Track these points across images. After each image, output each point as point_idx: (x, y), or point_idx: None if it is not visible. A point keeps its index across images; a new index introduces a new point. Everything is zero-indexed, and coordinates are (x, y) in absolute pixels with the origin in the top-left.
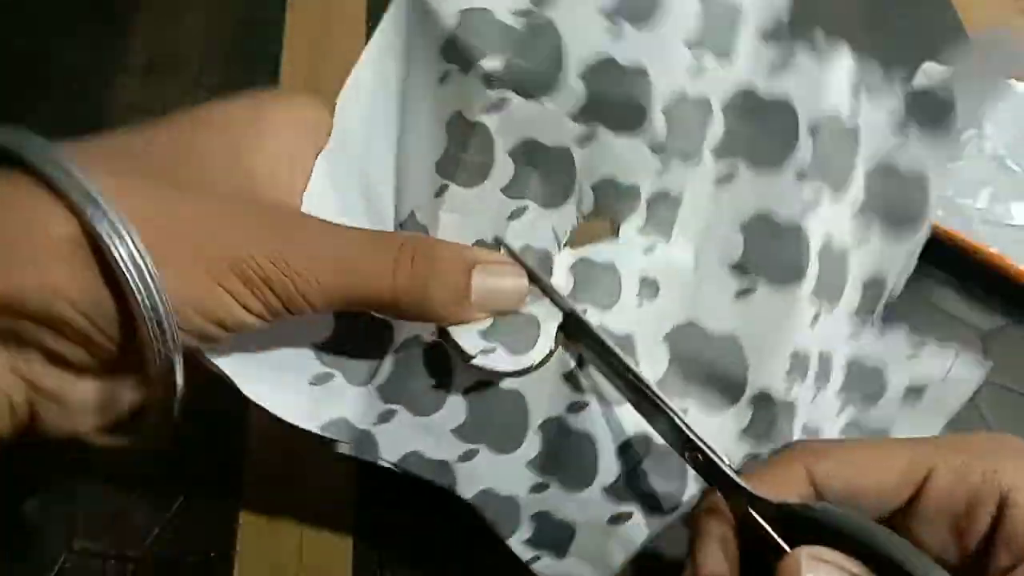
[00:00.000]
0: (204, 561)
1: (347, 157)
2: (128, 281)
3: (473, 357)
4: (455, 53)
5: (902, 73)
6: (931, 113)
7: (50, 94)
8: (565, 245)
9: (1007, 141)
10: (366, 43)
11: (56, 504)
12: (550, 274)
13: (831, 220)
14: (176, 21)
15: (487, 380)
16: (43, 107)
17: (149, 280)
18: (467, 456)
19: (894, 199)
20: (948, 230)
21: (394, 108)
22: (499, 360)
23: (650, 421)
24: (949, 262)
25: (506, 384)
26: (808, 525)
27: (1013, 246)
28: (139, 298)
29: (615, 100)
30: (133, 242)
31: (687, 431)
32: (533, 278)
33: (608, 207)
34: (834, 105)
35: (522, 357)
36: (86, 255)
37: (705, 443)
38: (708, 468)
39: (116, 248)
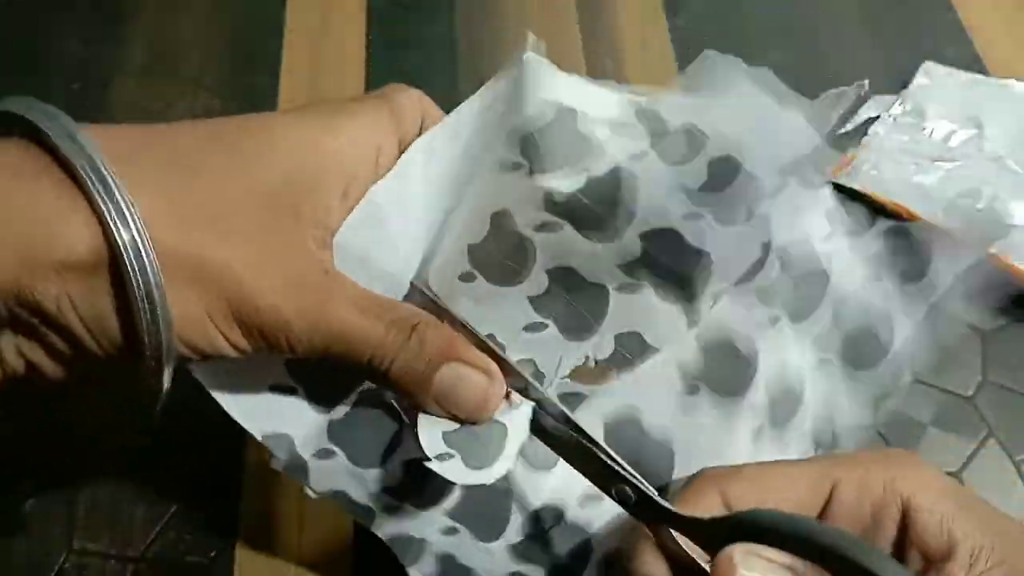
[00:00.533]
0: (204, 561)
1: (398, 198)
2: (139, 310)
3: (428, 460)
4: (531, 152)
5: (884, 226)
6: (905, 264)
7: (50, 94)
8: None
9: (1007, 141)
10: (366, 43)
11: (56, 504)
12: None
13: (789, 342)
14: (176, 21)
15: None
16: None
17: (159, 309)
18: (392, 509)
19: (858, 332)
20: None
21: (455, 169)
22: (453, 471)
23: (578, 464)
24: None
25: None
26: (740, 535)
27: (1013, 246)
28: (145, 325)
29: (670, 270)
30: (152, 268)
31: (614, 463)
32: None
33: (621, 358)
34: (806, 232)
35: (478, 472)
36: (103, 271)
37: (633, 475)
38: (634, 504)
39: (136, 275)
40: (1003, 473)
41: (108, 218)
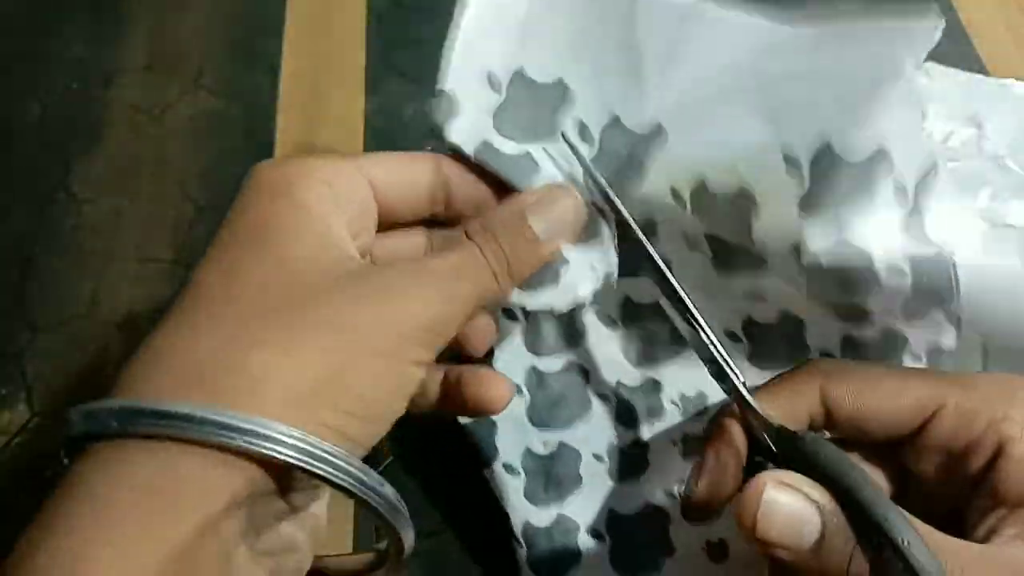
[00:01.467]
0: None
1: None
2: (311, 471)
3: None
4: (822, 170)
5: None
6: None
7: (50, 94)
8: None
9: (1007, 141)
10: (366, 43)
11: None
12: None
13: None
14: (176, 21)
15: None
16: (43, 107)
17: (330, 457)
18: None
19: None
20: None
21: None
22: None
23: (687, 336)
24: None
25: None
26: (797, 456)
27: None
28: (329, 477)
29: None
30: (289, 437)
31: (712, 347)
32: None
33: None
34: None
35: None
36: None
37: (727, 362)
38: (725, 383)
39: (287, 457)
40: None
41: (258, 449)
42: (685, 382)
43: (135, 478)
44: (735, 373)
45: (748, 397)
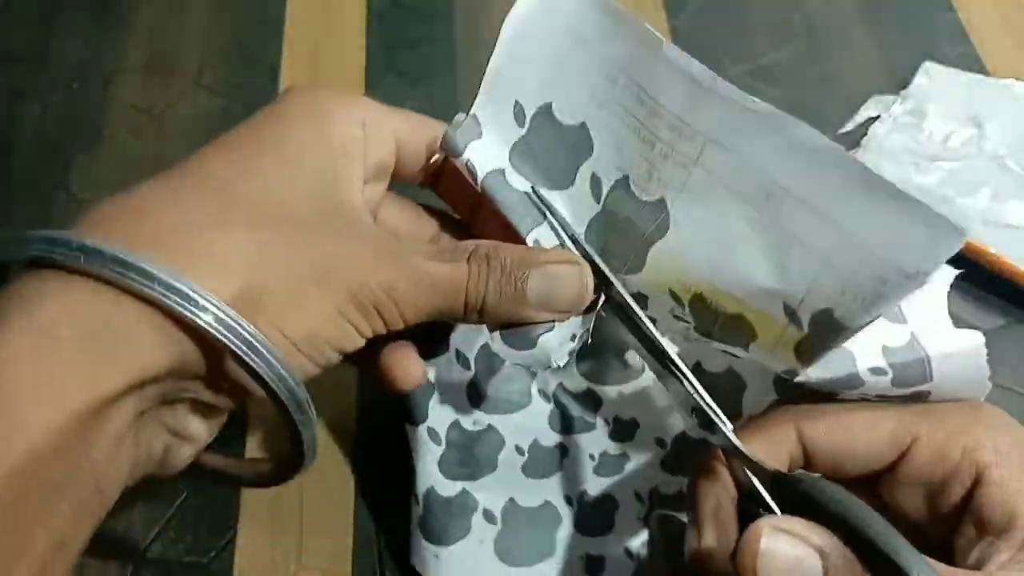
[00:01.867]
0: (203, 561)
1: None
2: (229, 347)
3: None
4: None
5: None
6: None
7: (50, 94)
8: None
9: (1007, 141)
10: (366, 43)
11: None
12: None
13: None
14: (176, 21)
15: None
16: (43, 107)
17: (256, 345)
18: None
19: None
20: None
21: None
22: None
23: (666, 386)
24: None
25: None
26: (793, 496)
27: (1013, 246)
28: (246, 359)
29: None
30: (247, 332)
31: (697, 396)
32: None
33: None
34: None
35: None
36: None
37: (712, 408)
38: (713, 432)
39: (236, 346)
40: None
41: (182, 311)
42: (624, 406)
43: (82, 320)
44: (723, 422)
45: (739, 445)
